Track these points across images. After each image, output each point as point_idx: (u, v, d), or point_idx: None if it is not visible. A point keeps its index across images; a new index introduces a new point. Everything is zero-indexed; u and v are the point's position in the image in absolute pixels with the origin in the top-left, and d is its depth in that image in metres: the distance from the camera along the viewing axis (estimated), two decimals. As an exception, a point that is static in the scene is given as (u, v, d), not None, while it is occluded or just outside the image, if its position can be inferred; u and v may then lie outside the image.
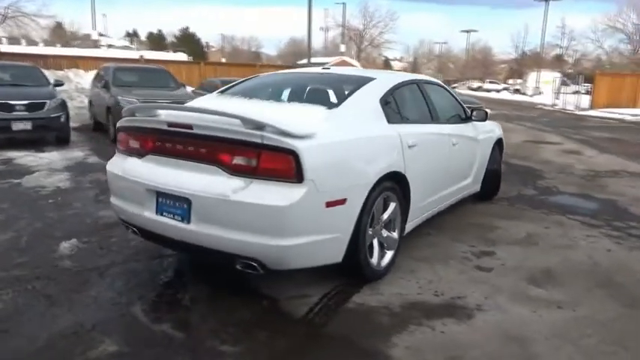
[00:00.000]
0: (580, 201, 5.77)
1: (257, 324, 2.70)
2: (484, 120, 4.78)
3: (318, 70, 4.31)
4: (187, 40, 53.51)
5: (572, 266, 3.64)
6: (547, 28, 40.34)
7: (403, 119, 3.62)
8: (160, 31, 60.27)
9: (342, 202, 2.80)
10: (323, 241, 2.75)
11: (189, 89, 10.84)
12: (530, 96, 36.97)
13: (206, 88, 12.36)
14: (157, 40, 56.74)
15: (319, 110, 3.10)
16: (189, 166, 2.82)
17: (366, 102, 3.34)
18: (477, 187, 5.08)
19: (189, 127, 2.78)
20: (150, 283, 3.22)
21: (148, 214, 2.98)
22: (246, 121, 2.64)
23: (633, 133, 14.18)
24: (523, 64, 48.46)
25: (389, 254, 3.36)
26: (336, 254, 2.89)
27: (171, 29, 59.46)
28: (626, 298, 3.11)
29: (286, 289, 3.09)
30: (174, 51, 39.51)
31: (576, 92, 24.36)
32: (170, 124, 2.89)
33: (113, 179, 3.25)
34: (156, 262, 3.55)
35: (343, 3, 49.97)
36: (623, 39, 40.67)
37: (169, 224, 2.87)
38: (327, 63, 25.72)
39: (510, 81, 50.40)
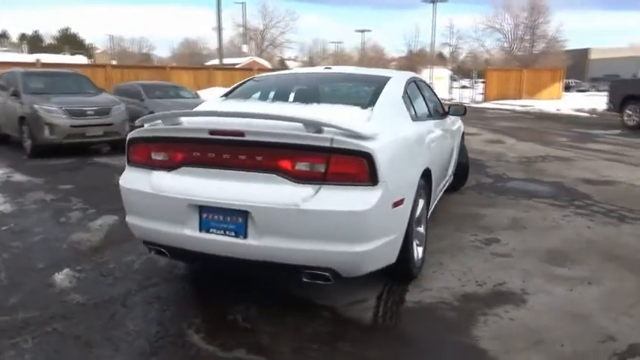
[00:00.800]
0: (534, 185, 6.29)
1: (334, 336, 2.58)
2: (464, 115, 5.02)
3: (321, 69, 4.21)
4: (69, 42, 49.26)
5: (572, 245, 3.96)
6: (437, 27, 43.23)
7: (418, 117, 3.67)
8: (36, 31, 54.74)
9: (401, 202, 2.77)
10: (388, 242, 2.70)
11: (110, 96, 9.97)
12: (425, 91, 39.43)
13: (125, 93, 11.51)
14: (33, 42, 51.45)
15: (356, 110, 3.02)
16: (241, 176, 2.60)
17: (394, 101, 3.34)
18: (452, 178, 5.32)
19: (241, 133, 2.57)
20: (185, 307, 2.92)
21: (189, 232, 2.70)
22: (310, 124, 2.50)
23: (532, 122, 15.77)
24: (414, 61, 51.49)
25: (420, 250, 3.40)
26: (393, 255, 2.86)
27: (47, 30, 54.25)
28: (637, 268, 3.47)
29: (336, 297, 2.99)
30: (72, 54, 36.21)
31: (464, 87, 26.47)
32: (214, 132, 2.64)
33: (135, 197, 2.89)
34: (176, 283, 3.25)
35: (243, 2, 49.25)
36: (501, 38, 45.10)
37: (220, 241, 2.63)
38: (239, 64, 25.30)
39: (405, 78, 53.29)
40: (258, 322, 2.72)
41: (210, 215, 2.66)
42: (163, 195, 2.74)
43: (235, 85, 3.88)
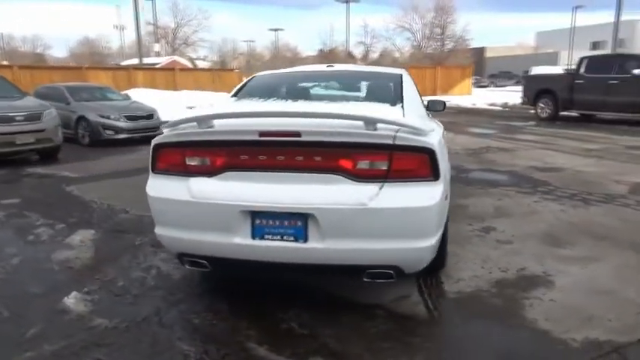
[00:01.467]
0: (494, 175, 6.70)
1: (401, 332, 2.58)
2: (443, 110, 5.20)
3: (327, 67, 4.15)
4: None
5: (559, 228, 4.29)
6: (352, 27, 44.46)
7: (428, 113, 3.76)
8: None
9: (447, 196, 2.83)
10: (441, 235, 2.75)
11: (37, 100, 9.05)
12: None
13: (46, 97, 10.50)
14: None
15: (388, 108, 3.03)
16: (298, 178, 2.51)
17: (416, 97, 3.40)
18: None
19: (298, 134, 2.47)
20: (231, 319, 2.75)
21: (239, 240, 2.55)
22: (371, 121, 2.46)
23: (456, 116, 16.69)
24: (327, 59, 52.40)
25: (444, 240, 3.48)
26: (438, 247, 2.91)
27: None
28: (626, 244, 3.83)
29: (378, 294, 2.98)
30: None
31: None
32: (264, 134, 2.51)
33: (171, 206, 2.67)
34: (205, 296, 3.05)
35: (152, -1, 46.71)
36: (411, 37, 47.39)
37: (277, 247, 2.51)
38: (158, 64, 24.01)
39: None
40: (316, 326, 2.65)
41: (264, 221, 2.53)
42: (209, 202, 2.56)
43: (241, 84, 3.71)
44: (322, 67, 4.29)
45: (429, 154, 2.47)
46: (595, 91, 12.50)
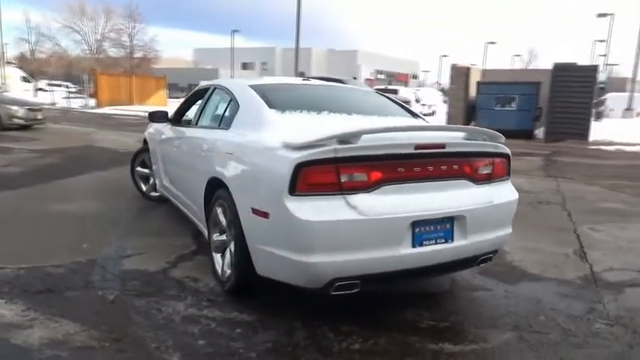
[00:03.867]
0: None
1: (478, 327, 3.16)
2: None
3: (315, 82, 4.06)
4: None
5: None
6: (13, 22, 36.87)
7: None
8: None
9: None
10: None
11: None
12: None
13: None
14: None
15: (418, 119, 3.55)
16: (440, 185, 2.79)
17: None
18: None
19: (443, 146, 2.76)
20: (304, 344, 2.66)
21: (404, 250, 2.63)
22: (488, 134, 2.98)
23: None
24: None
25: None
26: None
27: None
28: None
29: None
30: None
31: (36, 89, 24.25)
32: (419, 147, 2.67)
33: (335, 228, 2.46)
34: (244, 326, 2.82)
35: None
36: (80, 39, 42.84)
37: (431, 251, 2.72)
38: None
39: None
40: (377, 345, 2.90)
41: (422, 228, 2.69)
42: (380, 218, 2.53)
43: (256, 97, 3.37)
44: (321, 82, 4.28)
45: (508, 158, 3.18)
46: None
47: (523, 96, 14.29)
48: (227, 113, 3.63)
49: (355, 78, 17.91)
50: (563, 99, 13.60)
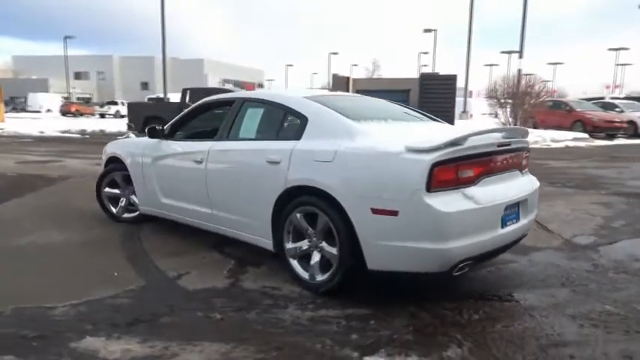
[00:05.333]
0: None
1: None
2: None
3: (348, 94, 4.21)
4: None
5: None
6: None
7: None
8: None
9: None
10: None
11: None
12: None
13: None
14: None
15: (442, 123, 4.13)
16: (509, 175, 3.40)
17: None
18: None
19: (509, 144, 3.36)
20: (433, 322, 3.17)
21: (499, 231, 3.17)
22: (520, 133, 3.65)
23: (38, 145, 14.98)
24: None
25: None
26: None
27: None
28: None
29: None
30: None
31: None
32: (500, 145, 3.24)
33: (462, 218, 2.91)
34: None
35: None
36: None
37: (512, 230, 3.30)
38: None
39: None
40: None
41: (507, 212, 3.25)
42: (491, 205, 3.05)
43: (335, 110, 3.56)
44: (350, 94, 4.42)
45: (529, 152, 3.91)
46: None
47: (397, 102, 16.00)
48: (285, 125, 3.75)
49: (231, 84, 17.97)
50: (431, 103, 15.57)
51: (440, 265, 2.93)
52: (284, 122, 3.78)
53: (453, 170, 2.91)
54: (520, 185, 3.46)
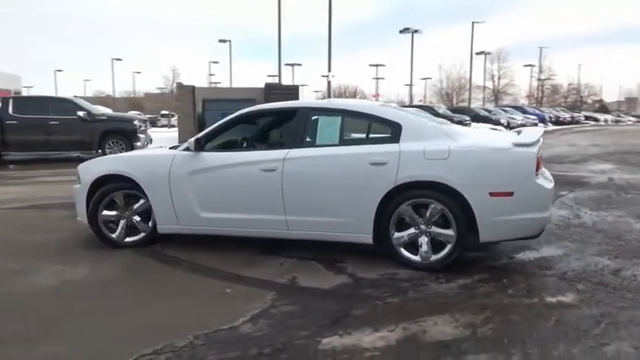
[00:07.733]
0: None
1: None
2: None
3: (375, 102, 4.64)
4: None
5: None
6: None
7: None
8: None
9: None
10: None
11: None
12: None
13: None
14: None
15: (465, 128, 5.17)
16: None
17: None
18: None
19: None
20: (510, 276, 4.26)
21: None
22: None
23: None
24: None
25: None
26: None
27: None
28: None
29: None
30: None
31: None
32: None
33: (548, 193, 3.94)
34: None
35: None
36: None
37: (548, 214, 4.42)
38: None
39: None
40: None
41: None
42: (551, 188, 4.09)
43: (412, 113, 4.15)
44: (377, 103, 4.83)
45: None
46: (35, 131, 12.69)
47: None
48: (372, 131, 4.26)
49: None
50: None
51: (539, 229, 3.92)
52: (370, 129, 4.25)
53: (539, 159, 3.94)
54: (546, 178, 4.52)
